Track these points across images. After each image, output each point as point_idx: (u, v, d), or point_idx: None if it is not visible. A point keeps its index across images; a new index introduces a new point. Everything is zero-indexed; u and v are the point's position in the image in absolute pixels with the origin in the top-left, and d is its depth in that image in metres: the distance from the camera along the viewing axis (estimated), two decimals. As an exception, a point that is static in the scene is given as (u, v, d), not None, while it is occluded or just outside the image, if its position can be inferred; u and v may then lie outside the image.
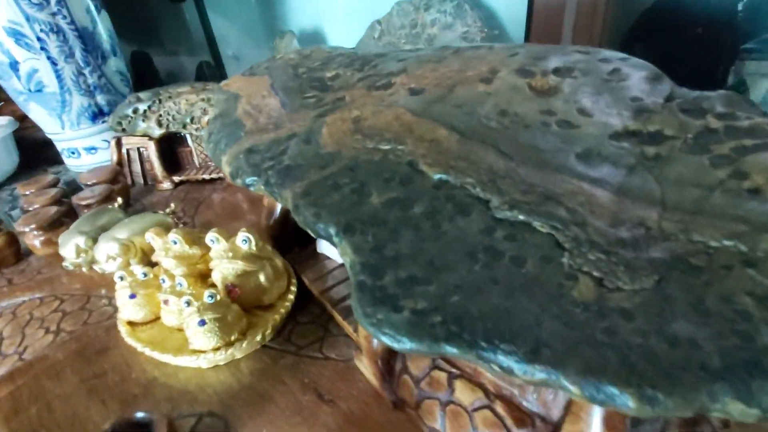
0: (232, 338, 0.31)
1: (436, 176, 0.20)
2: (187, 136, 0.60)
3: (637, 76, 0.23)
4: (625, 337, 0.14)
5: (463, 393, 0.23)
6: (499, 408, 0.21)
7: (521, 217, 0.18)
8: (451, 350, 0.15)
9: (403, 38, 0.82)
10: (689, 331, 0.13)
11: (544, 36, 0.59)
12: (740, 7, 0.53)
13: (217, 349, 0.30)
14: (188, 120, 0.56)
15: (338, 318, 0.33)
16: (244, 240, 0.32)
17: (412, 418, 0.26)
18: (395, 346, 0.16)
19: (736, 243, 0.15)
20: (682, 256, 0.15)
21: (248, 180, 0.25)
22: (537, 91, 0.23)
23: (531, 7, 0.61)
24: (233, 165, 0.26)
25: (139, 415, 0.24)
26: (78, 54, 0.71)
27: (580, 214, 0.17)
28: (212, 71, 1.15)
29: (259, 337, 0.31)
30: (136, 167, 0.62)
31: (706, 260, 0.15)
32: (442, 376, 0.24)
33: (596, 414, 0.17)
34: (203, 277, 0.35)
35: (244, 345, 0.31)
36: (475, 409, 0.22)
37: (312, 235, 0.21)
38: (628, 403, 0.13)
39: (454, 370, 0.23)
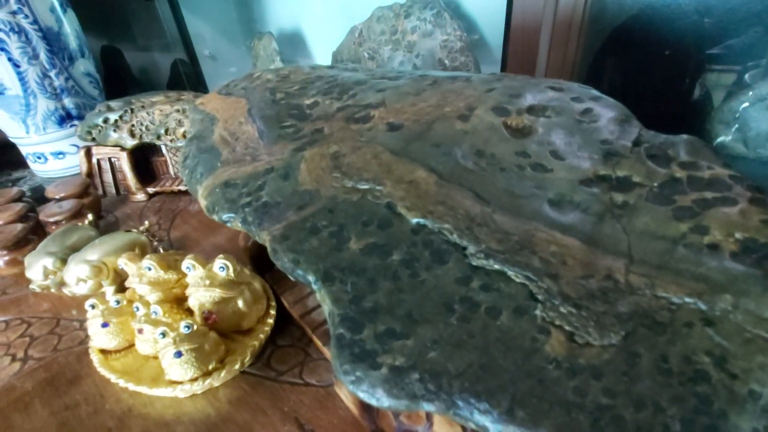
0: (210, 367, 0.31)
1: (414, 220, 0.21)
2: (162, 147, 0.58)
3: (607, 116, 0.24)
4: (595, 398, 0.14)
5: (442, 427, 0.23)
6: (476, 443, 0.22)
7: (496, 267, 0.18)
8: (428, 408, 0.15)
9: (383, 44, 0.82)
10: (653, 391, 0.14)
11: (520, 48, 0.60)
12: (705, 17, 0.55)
13: (195, 379, 0.30)
14: (162, 131, 0.54)
15: (318, 343, 0.33)
16: (222, 267, 0.32)
17: (391, 449, 0.26)
18: (373, 402, 0.16)
19: (696, 301, 0.16)
20: (647, 312, 0.16)
21: (225, 216, 0.24)
22: (512, 130, 0.24)
23: (509, 17, 0.62)
24: (209, 199, 0.25)
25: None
26: (42, 55, 0.68)
27: (553, 265, 0.18)
28: (187, 69, 1.12)
29: (237, 365, 0.31)
30: (108, 177, 0.60)
31: (669, 317, 0.16)
32: (421, 409, 0.24)
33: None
34: (179, 302, 0.35)
35: (222, 374, 0.31)
36: (453, 444, 0.23)
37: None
38: (595, 465, 0.13)
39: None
